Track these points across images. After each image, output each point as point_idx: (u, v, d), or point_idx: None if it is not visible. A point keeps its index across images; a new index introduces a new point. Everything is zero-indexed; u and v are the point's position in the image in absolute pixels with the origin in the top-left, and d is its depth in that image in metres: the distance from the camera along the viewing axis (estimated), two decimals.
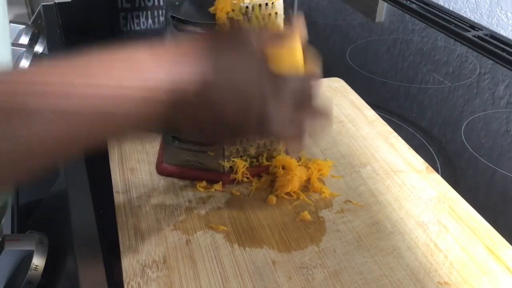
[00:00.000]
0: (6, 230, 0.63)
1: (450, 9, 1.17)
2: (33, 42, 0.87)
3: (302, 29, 0.40)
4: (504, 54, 0.91)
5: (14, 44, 0.83)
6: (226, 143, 0.50)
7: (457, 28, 1.03)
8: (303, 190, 0.53)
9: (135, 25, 0.92)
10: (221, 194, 0.53)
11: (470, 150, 0.65)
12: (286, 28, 0.42)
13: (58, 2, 0.96)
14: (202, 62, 0.34)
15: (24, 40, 0.86)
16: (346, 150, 0.60)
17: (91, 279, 0.44)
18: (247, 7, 0.45)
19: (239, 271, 0.44)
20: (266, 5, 0.46)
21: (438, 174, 0.57)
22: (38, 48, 0.87)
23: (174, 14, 0.48)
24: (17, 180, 0.35)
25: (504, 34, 1.04)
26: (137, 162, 0.57)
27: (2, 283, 0.44)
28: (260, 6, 0.46)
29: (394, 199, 0.53)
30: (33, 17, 1.05)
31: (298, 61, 0.40)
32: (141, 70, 0.33)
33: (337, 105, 0.70)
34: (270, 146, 0.55)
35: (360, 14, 1.16)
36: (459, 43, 0.98)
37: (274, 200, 0.52)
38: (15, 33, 0.86)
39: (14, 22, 0.88)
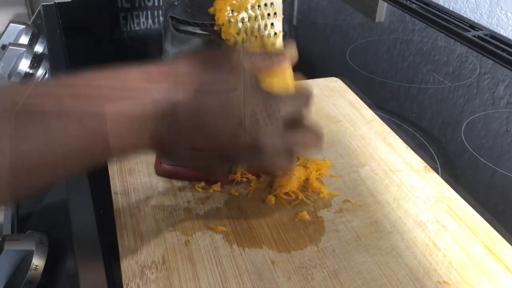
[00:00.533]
0: (6, 230, 0.63)
1: (450, 9, 1.17)
2: (33, 42, 0.87)
3: (293, 52, 0.41)
4: (504, 54, 0.91)
5: (14, 44, 0.83)
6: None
7: (457, 28, 1.03)
8: (302, 190, 0.53)
9: (135, 25, 0.92)
10: (219, 195, 0.53)
11: (470, 150, 0.65)
12: (277, 52, 0.42)
13: (58, 2, 0.96)
14: (194, 83, 0.34)
15: (24, 40, 0.86)
16: (345, 150, 0.60)
17: (91, 279, 0.44)
18: (243, 19, 0.45)
19: (239, 272, 0.44)
20: (265, 5, 0.46)
21: (438, 174, 0.57)
22: (38, 48, 0.87)
23: (173, 15, 0.48)
24: (41, 185, 0.35)
25: (504, 34, 1.03)
26: (135, 163, 0.57)
27: (2, 283, 0.44)
28: (259, 6, 0.46)
29: (393, 199, 0.53)
30: (33, 17, 1.05)
31: (288, 83, 0.41)
32: (132, 88, 0.33)
33: (335, 105, 0.70)
34: None
35: (360, 14, 1.16)
36: (459, 43, 0.98)
37: (273, 200, 0.52)
38: (15, 33, 0.86)
39: (14, 22, 0.88)
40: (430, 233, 0.48)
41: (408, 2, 1.16)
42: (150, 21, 0.92)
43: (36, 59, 0.83)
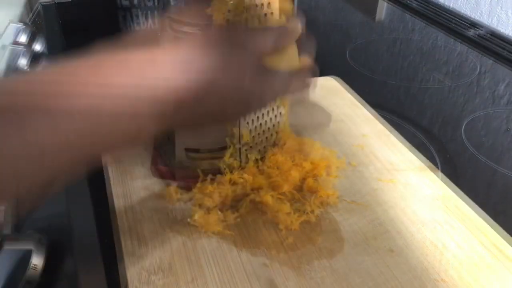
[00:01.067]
0: (5, 230, 0.63)
1: (450, 8, 1.17)
2: (32, 41, 0.87)
3: (296, 26, 0.41)
4: (504, 53, 0.91)
5: (13, 43, 0.83)
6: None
7: (457, 27, 1.03)
8: (298, 190, 0.52)
9: (135, 24, 0.92)
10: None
11: (471, 149, 0.65)
12: (283, 26, 0.42)
13: (57, 2, 0.96)
14: (204, 61, 0.35)
15: (23, 39, 0.86)
16: (347, 149, 0.60)
17: (90, 279, 0.44)
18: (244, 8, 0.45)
19: (247, 276, 0.43)
20: (262, 5, 0.46)
21: (438, 173, 0.57)
22: (37, 47, 0.87)
23: (170, 15, 0.47)
24: (41, 189, 0.32)
25: (504, 33, 1.03)
26: (135, 165, 0.56)
27: (1, 283, 0.44)
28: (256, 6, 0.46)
29: (399, 199, 0.52)
30: (32, 16, 1.05)
31: (294, 58, 0.40)
32: (148, 70, 0.33)
33: (335, 104, 0.70)
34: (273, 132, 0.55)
35: (360, 13, 1.16)
36: (459, 42, 0.98)
37: (270, 200, 0.50)
38: (15, 32, 0.86)
39: (14, 21, 0.88)
40: (438, 233, 0.48)
41: (408, 1, 1.15)
42: (150, 20, 0.92)
43: (35, 58, 0.83)
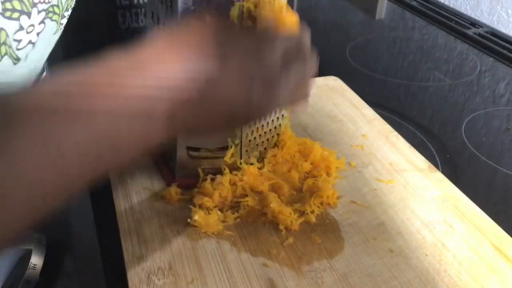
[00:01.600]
0: None
1: (451, 6, 1.16)
2: None
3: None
4: (504, 52, 0.90)
5: None
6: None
7: (457, 25, 1.02)
8: (298, 191, 0.52)
9: (134, 22, 0.92)
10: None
11: (471, 148, 0.65)
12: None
13: None
14: (217, 58, 0.33)
15: None
16: (346, 149, 0.60)
17: (89, 278, 0.44)
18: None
19: (247, 276, 0.43)
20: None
21: (439, 173, 0.57)
22: None
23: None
24: (65, 196, 0.30)
25: (504, 32, 1.03)
26: (136, 166, 0.56)
27: (1, 282, 0.44)
28: None
29: (399, 199, 0.52)
30: None
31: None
32: (156, 76, 0.31)
33: (335, 104, 0.69)
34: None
35: (360, 12, 1.15)
36: (460, 41, 0.97)
37: (273, 200, 0.50)
38: None
39: None
40: (438, 233, 0.48)
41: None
42: (150, 19, 0.92)
43: None
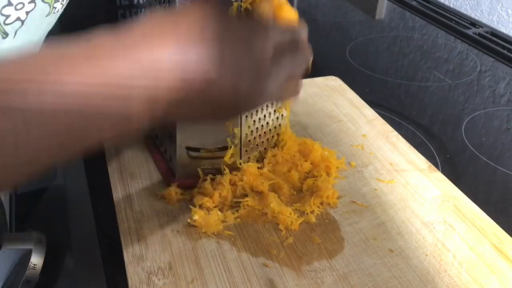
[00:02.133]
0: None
1: (451, 6, 1.16)
2: None
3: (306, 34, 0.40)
4: (504, 52, 0.90)
5: None
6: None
7: (457, 25, 1.02)
8: (298, 191, 0.52)
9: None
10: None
11: (471, 148, 0.65)
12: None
13: None
14: (208, 46, 0.31)
15: None
16: (347, 150, 0.60)
17: (90, 278, 0.44)
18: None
19: (247, 276, 0.43)
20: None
21: (439, 173, 0.57)
22: None
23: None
24: (10, 183, 0.31)
25: (504, 32, 1.03)
26: (136, 166, 0.56)
27: (1, 282, 0.44)
28: None
29: (399, 199, 0.52)
30: None
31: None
32: (140, 59, 0.30)
33: (335, 104, 0.69)
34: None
35: (360, 12, 1.15)
36: (460, 41, 0.97)
37: (273, 200, 0.50)
38: None
39: None
40: (438, 233, 0.48)
41: None
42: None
43: None
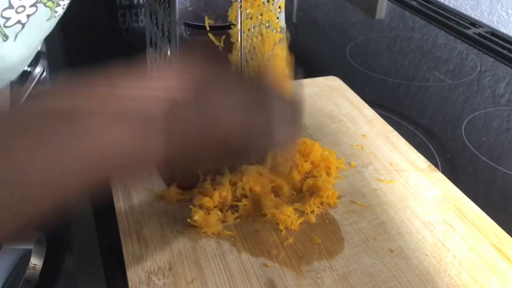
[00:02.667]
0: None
1: (451, 6, 1.16)
2: None
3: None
4: (504, 52, 0.90)
5: None
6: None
7: (457, 25, 1.02)
8: (298, 191, 0.52)
9: (134, 22, 0.92)
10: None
11: (471, 148, 0.65)
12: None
13: None
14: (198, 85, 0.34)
15: None
16: (347, 150, 0.60)
17: (89, 278, 0.44)
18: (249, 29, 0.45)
19: (247, 276, 0.43)
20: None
21: (439, 173, 0.57)
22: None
23: (186, 21, 0.46)
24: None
25: (505, 32, 1.03)
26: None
27: (1, 282, 0.44)
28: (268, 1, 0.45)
29: (399, 199, 0.52)
30: None
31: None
32: (157, 89, 0.32)
33: (335, 104, 0.69)
34: None
35: (360, 12, 1.15)
36: (460, 41, 0.97)
37: (272, 201, 0.50)
38: None
39: None
40: (438, 233, 0.48)
41: None
42: (149, 19, 0.92)
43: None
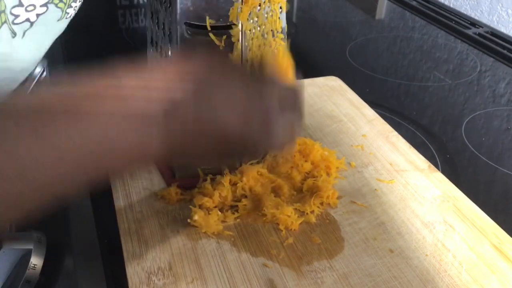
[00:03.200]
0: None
1: (451, 6, 1.16)
2: None
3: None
4: (504, 52, 0.90)
5: None
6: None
7: (457, 25, 1.02)
8: (298, 191, 0.52)
9: (133, 22, 0.92)
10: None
11: (471, 148, 0.65)
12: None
13: None
14: (198, 80, 0.33)
15: None
16: (347, 150, 0.60)
17: (90, 278, 0.44)
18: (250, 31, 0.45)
19: (247, 276, 0.43)
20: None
21: (439, 173, 0.57)
22: None
23: (187, 20, 0.46)
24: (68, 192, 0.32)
25: (504, 32, 1.03)
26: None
27: (1, 282, 0.44)
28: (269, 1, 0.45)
29: (399, 199, 0.52)
30: None
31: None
32: (159, 82, 0.32)
33: (335, 104, 0.69)
34: None
35: (360, 11, 1.15)
36: (460, 41, 0.97)
37: (272, 201, 0.50)
38: None
39: None
40: (438, 233, 0.48)
41: None
42: (150, 19, 0.92)
43: None
